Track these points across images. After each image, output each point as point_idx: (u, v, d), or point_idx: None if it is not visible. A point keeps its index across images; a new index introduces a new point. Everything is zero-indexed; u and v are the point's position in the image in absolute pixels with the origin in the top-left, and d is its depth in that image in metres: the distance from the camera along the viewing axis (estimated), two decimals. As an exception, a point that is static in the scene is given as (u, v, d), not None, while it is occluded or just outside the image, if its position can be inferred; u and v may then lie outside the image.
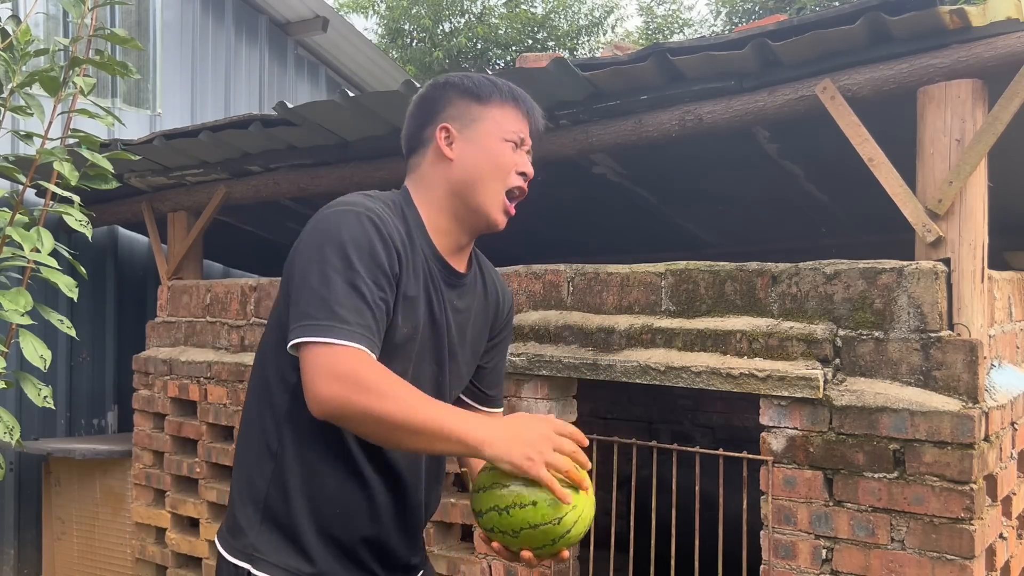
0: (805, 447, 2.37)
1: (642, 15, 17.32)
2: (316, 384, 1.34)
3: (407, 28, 15.19)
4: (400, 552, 1.61)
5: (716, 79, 2.71)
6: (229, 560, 1.52)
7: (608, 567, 2.89)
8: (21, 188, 2.34)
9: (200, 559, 4.03)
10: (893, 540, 2.24)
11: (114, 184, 2.38)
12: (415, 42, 15.32)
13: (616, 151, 3.23)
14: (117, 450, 4.48)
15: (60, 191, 2.27)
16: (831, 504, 2.33)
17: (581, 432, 1.40)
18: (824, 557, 2.34)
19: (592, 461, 2.08)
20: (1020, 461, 2.71)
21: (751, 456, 2.48)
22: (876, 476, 2.27)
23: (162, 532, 4.25)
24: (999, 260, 3.83)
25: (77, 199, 2.32)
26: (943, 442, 2.18)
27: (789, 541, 2.39)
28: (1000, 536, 2.41)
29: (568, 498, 1.31)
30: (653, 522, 2.80)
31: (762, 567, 2.43)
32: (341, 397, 1.32)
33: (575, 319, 2.86)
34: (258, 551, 1.50)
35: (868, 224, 3.79)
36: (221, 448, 3.93)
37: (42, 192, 2.47)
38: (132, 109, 5.52)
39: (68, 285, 2.26)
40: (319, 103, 3.33)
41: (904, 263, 2.34)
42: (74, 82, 2.26)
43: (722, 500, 2.78)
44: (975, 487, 2.15)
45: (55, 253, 2.22)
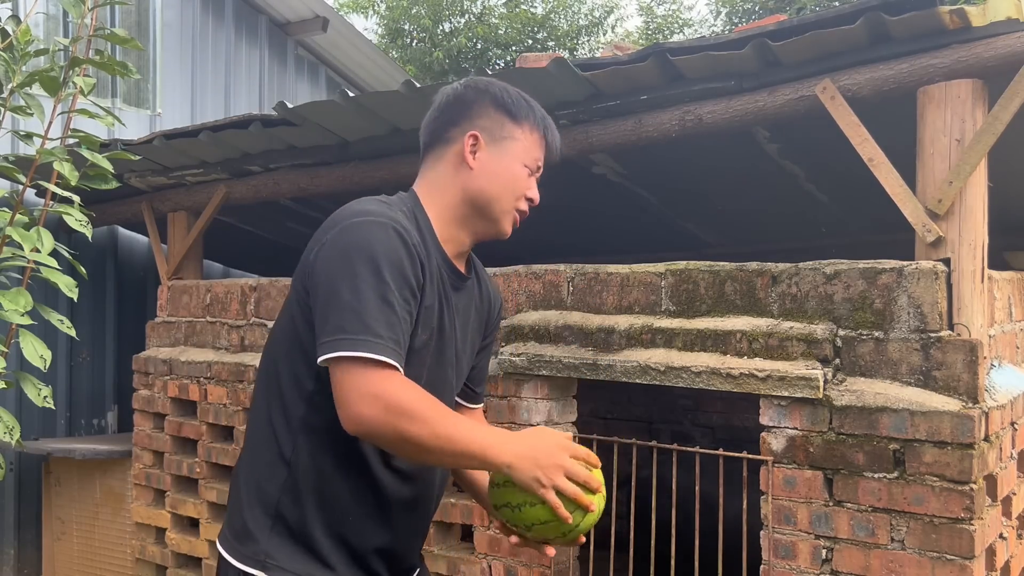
0: (805, 447, 2.37)
1: (642, 15, 17.32)
2: (354, 403, 1.36)
3: (407, 28, 15.20)
4: (407, 556, 1.65)
5: (716, 79, 2.71)
6: (237, 567, 1.51)
7: (608, 567, 2.89)
8: (21, 188, 2.34)
9: (200, 559, 4.03)
10: (893, 540, 2.24)
11: (114, 184, 2.38)
12: (415, 42, 15.32)
13: (616, 151, 3.22)
14: (117, 450, 4.48)
15: (60, 191, 2.27)
16: (831, 504, 2.33)
17: (595, 455, 1.48)
18: (824, 557, 2.34)
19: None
20: (1020, 461, 2.71)
21: (751, 456, 2.48)
22: (876, 476, 2.27)
23: (162, 532, 4.25)
24: (999, 260, 3.83)
25: (77, 199, 2.32)
26: (943, 442, 2.18)
27: (789, 541, 2.39)
28: (1000, 536, 2.41)
29: (569, 518, 1.42)
30: (653, 522, 2.80)
31: (762, 567, 2.43)
32: (379, 419, 1.35)
33: (575, 319, 2.86)
34: (271, 558, 1.50)
35: (868, 224, 3.79)
36: (221, 448, 3.93)
37: (42, 192, 2.48)
38: (132, 109, 5.52)
39: (68, 285, 2.26)
40: (319, 103, 3.33)
41: (904, 263, 2.34)
42: (74, 82, 2.26)
43: (722, 500, 2.78)
44: (975, 487, 2.14)
45: (55, 253, 2.21)
